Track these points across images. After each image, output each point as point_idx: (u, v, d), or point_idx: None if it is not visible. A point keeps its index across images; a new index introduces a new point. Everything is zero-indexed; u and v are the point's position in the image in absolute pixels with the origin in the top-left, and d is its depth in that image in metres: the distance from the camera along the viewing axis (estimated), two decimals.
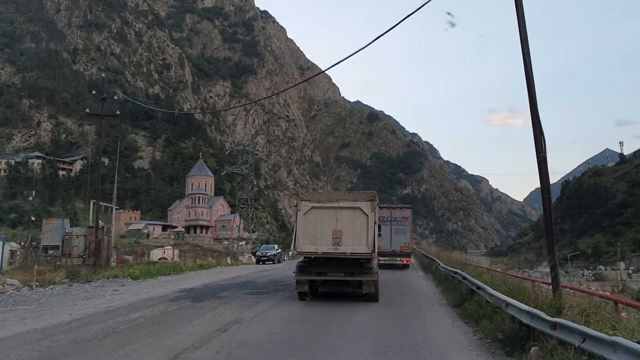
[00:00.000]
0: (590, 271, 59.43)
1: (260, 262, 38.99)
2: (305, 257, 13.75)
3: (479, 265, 19.93)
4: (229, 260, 38.26)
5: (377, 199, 13.78)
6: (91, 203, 34.99)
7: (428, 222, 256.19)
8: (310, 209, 13.43)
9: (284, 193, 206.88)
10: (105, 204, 36.76)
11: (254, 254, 47.37)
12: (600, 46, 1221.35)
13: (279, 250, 44.07)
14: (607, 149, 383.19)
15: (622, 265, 75.79)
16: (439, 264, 21.25)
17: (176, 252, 31.00)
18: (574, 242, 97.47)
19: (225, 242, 78.02)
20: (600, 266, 65.40)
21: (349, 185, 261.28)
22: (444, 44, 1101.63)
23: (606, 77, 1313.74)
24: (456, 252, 38.93)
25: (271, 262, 39.00)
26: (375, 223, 13.25)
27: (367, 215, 13.17)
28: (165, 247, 33.51)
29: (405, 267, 28.36)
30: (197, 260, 32.45)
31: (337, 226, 13.16)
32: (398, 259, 27.89)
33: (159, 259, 28.49)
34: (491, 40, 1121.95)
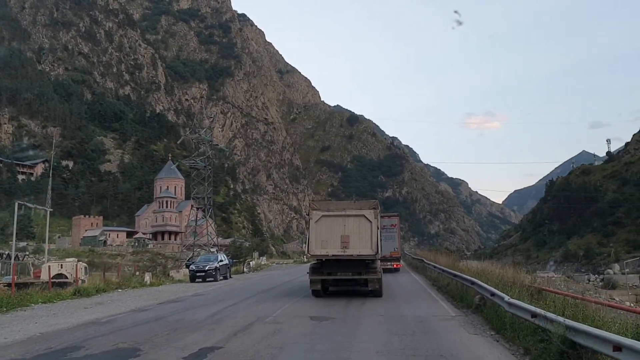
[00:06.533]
0: (596, 276, 54.97)
1: (199, 280, 27.80)
2: (317, 260, 15.42)
3: (567, 294, 10.19)
4: (146, 279, 25.96)
5: (379, 207, 15.27)
6: (16, 205, 28.91)
7: (410, 225, 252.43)
8: (321, 217, 14.87)
9: (263, 197, 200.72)
10: (36, 207, 30.68)
11: (188, 267, 33.68)
12: (575, 50, 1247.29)
13: (226, 262, 31.43)
14: (583, 150, 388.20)
15: (616, 267, 72.14)
16: (485, 289, 11.56)
17: (81, 266, 22.58)
18: (564, 244, 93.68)
19: (198, 249, 71.71)
20: (609, 270, 61.02)
21: (329, 189, 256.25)
22: (423, 49, 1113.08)
23: (580, 80, 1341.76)
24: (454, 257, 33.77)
25: (212, 280, 27.78)
26: (378, 228, 14.60)
27: (370, 221, 14.56)
28: (67, 260, 25.19)
29: (395, 270, 30.87)
30: (77, 280, 20.65)
31: (344, 232, 14.57)
32: (389, 263, 29.72)
33: (54, 276, 19.93)
34: (468, 45, 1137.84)
